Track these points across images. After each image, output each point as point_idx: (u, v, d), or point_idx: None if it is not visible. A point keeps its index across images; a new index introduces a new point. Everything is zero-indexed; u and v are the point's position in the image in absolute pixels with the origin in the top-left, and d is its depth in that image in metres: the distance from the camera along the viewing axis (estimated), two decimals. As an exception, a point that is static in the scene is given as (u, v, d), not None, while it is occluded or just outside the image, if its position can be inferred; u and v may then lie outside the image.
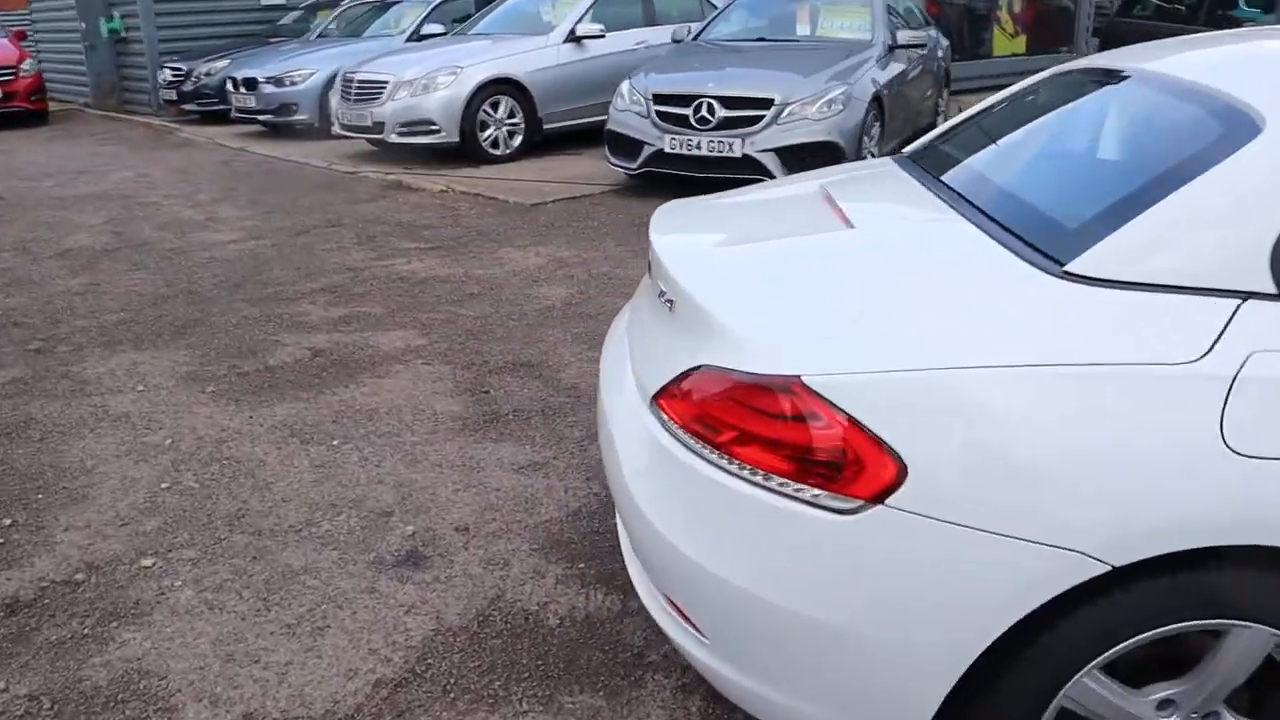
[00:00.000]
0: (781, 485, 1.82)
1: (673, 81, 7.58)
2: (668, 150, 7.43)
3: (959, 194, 2.36)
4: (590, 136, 9.56)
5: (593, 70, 9.25)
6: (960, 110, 3.54)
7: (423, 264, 6.15)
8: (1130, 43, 11.58)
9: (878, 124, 7.86)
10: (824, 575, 1.80)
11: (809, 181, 2.86)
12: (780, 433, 1.82)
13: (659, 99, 7.52)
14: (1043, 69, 3.13)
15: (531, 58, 8.88)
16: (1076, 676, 1.76)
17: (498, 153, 8.91)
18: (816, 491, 1.78)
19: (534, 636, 2.72)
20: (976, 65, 12.73)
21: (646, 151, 7.52)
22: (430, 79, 8.74)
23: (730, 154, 7.29)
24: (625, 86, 7.83)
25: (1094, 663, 1.75)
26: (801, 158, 7.27)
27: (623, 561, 3.05)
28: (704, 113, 7.32)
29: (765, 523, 1.85)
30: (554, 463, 3.68)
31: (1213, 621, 1.73)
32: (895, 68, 8.38)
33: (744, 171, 7.32)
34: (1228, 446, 1.62)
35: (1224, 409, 1.64)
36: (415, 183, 8.33)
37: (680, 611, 2.05)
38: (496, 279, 5.82)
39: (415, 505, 3.38)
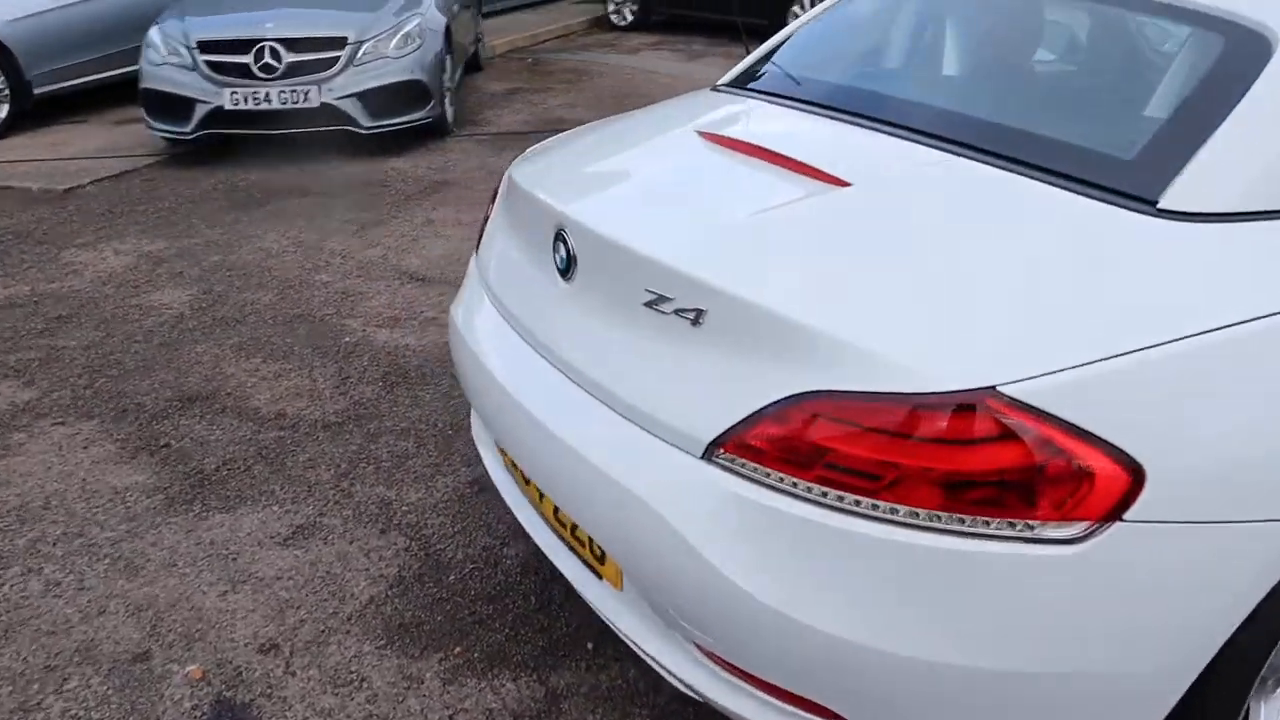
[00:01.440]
0: (976, 526, 1.42)
1: (221, 25, 6.36)
2: (229, 107, 6.26)
3: (913, 129, 2.04)
4: (100, 98, 7.88)
5: (94, 16, 7.51)
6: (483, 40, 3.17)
7: (-41, 289, 4.60)
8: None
9: (449, 57, 7.28)
10: (1049, 622, 1.45)
11: (681, 126, 2.36)
12: (971, 461, 1.41)
13: (206, 46, 6.28)
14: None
15: (7, 5, 6.99)
16: None
17: (-21, 130, 6.99)
18: (1029, 524, 1.41)
19: (472, 770, 2.06)
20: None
21: (202, 111, 6.28)
22: None
23: (306, 104, 6.31)
24: (156, 35, 6.44)
25: None
26: (387, 101, 6.53)
27: (509, 627, 2.44)
28: (268, 59, 6.24)
29: (960, 577, 1.44)
30: (324, 520, 2.87)
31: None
32: (448, -6, 7.80)
33: (325, 123, 6.42)
34: None
35: None
36: (-128, 180, 6.26)
37: (812, 706, 1.58)
38: (81, 293, 4.51)
39: (178, 632, 2.44)
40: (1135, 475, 1.40)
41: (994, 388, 1.40)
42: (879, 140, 2.06)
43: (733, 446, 1.58)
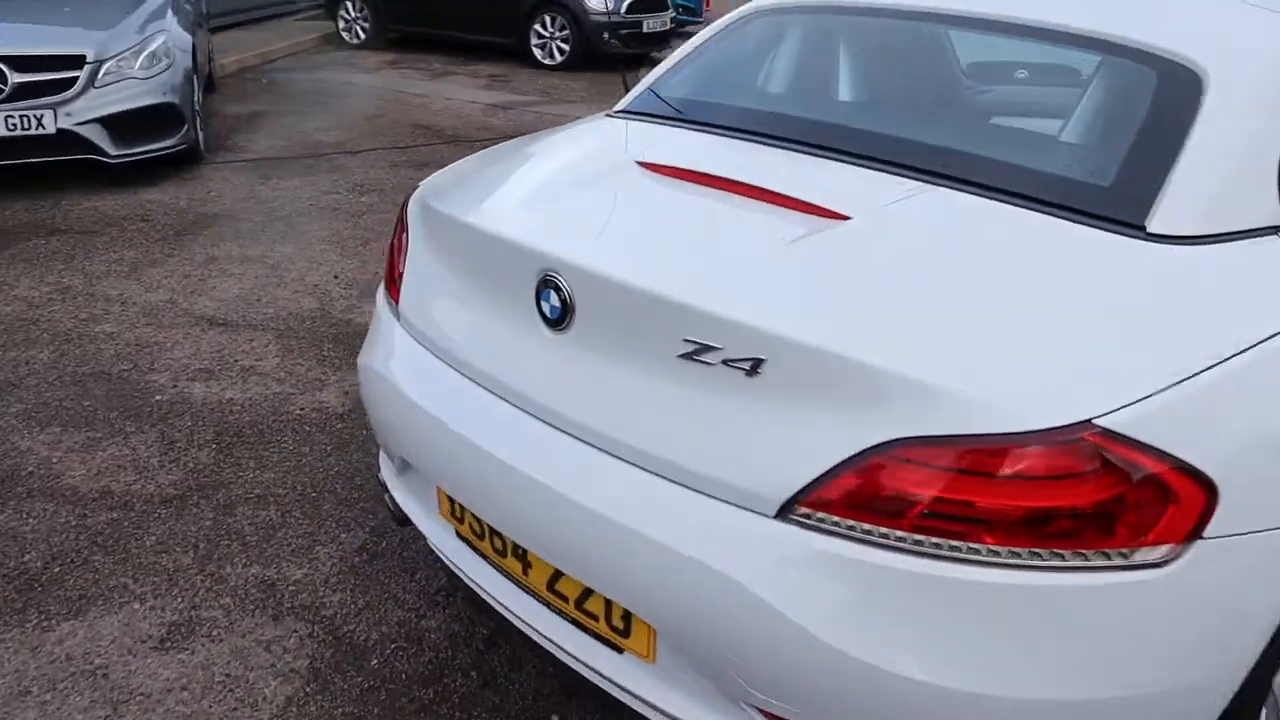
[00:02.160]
0: (1075, 559, 1.42)
1: (-76, 40, 5.48)
2: (-57, 135, 5.41)
3: (865, 156, 2.04)
4: None
5: None
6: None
7: None
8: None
9: (195, 76, 6.67)
10: (1147, 645, 1.47)
11: (612, 156, 2.22)
12: (1070, 496, 1.41)
13: (-95, 66, 5.39)
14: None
15: None
16: None
17: None
18: (1123, 551, 1.42)
19: None
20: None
21: (-93, 140, 5.39)
22: None
23: (41, 131, 5.55)
24: None
25: None
26: (136, 126, 5.88)
27: (459, 710, 2.23)
28: (-9, 80, 5.45)
29: (1068, 611, 1.45)
30: (202, 613, 2.50)
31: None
32: (186, 8, 7.15)
33: (64, 152, 5.67)
34: None
35: None
36: None
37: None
38: None
39: (63, 773, 2.03)
40: (1210, 492, 1.44)
41: (1089, 421, 1.40)
42: (840, 169, 2.03)
43: (812, 502, 1.49)
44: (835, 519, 1.48)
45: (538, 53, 11.27)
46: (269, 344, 4.01)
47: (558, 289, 1.76)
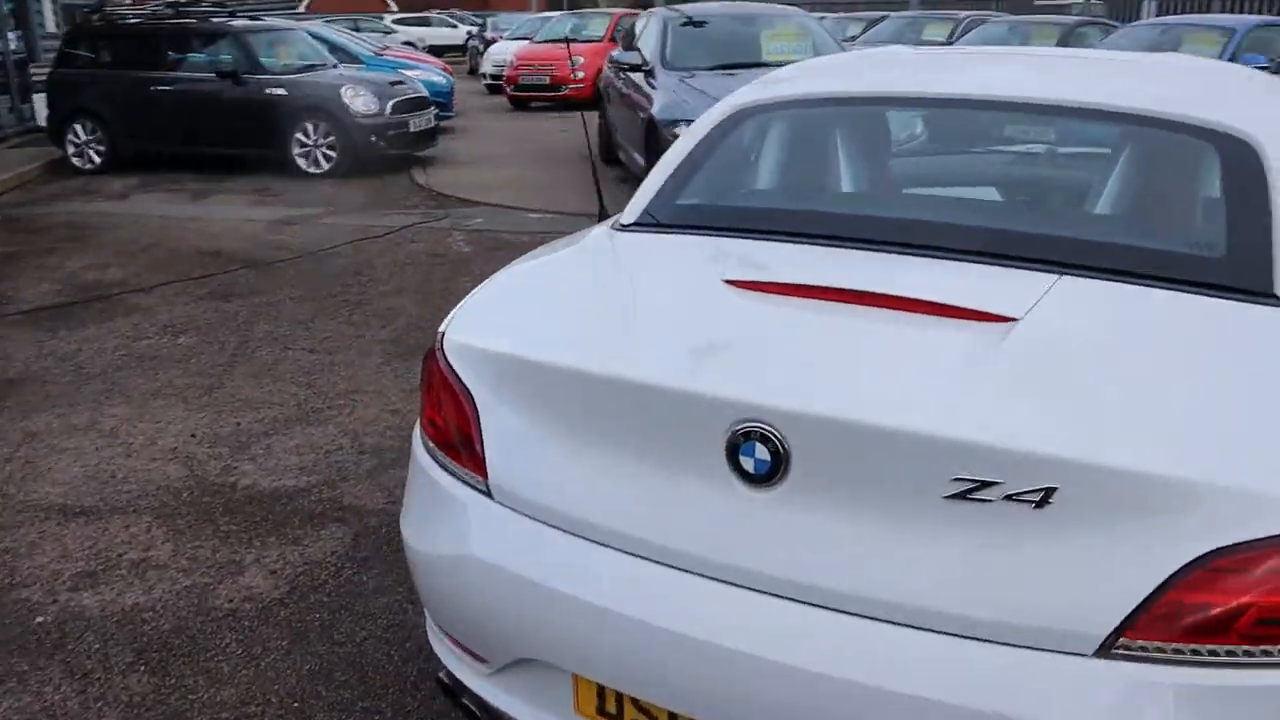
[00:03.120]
0: None
1: None
2: None
3: (967, 251, 1.94)
4: None
5: None
6: None
7: None
8: (87, 91, 11.06)
9: (-57, 225, 5.78)
10: None
11: (692, 279, 1.98)
12: None
13: None
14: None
15: None
16: None
17: None
18: None
19: None
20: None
21: None
22: None
23: None
24: None
25: None
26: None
27: None
28: None
29: None
30: None
31: None
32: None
33: None
34: None
35: None
36: None
37: None
38: None
39: None
40: None
41: None
42: (937, 266, 1.91)
43: (1136, 631, 1.37)
44: (1160, 644, 1.37)
45: (301, 161, 10.70)
46: (150, 528, 3.40)
47: (765, 440, 1.50)
